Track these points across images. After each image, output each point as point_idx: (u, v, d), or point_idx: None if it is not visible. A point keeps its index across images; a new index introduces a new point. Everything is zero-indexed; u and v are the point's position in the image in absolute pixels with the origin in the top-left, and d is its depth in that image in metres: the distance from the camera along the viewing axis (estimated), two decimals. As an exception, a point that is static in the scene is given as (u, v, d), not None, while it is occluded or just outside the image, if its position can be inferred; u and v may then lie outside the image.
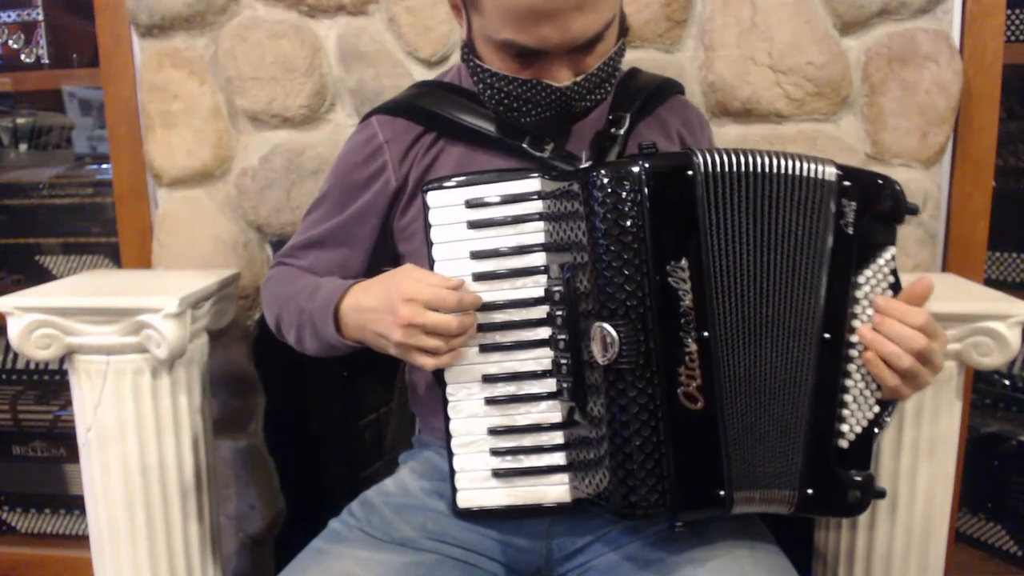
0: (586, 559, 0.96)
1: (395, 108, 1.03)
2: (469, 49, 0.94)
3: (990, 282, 1.62)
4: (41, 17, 1.73)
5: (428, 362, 0.86)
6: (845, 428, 0.84)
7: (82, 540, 1.83)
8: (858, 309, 0.83)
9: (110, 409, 1.23)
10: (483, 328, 0.89)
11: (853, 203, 0.82)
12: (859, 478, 0.84)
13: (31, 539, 1.88)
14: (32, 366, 1.91)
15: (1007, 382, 1.73)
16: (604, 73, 0.91)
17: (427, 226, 0.89)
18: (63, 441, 1.84)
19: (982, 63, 1.35)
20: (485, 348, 0.89)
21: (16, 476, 1.87)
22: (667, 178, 0.80)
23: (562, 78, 0.89)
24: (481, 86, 0.94)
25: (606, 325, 0.79)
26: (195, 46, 1.47)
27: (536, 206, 0.88)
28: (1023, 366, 1.72)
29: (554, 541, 0.97)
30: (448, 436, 0.91)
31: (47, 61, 1.74)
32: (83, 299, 1.22)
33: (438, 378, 0.92)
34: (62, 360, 1.26)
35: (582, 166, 0.86)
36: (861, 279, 0.83)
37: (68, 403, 1.66)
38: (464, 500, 0.92)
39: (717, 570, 0.86)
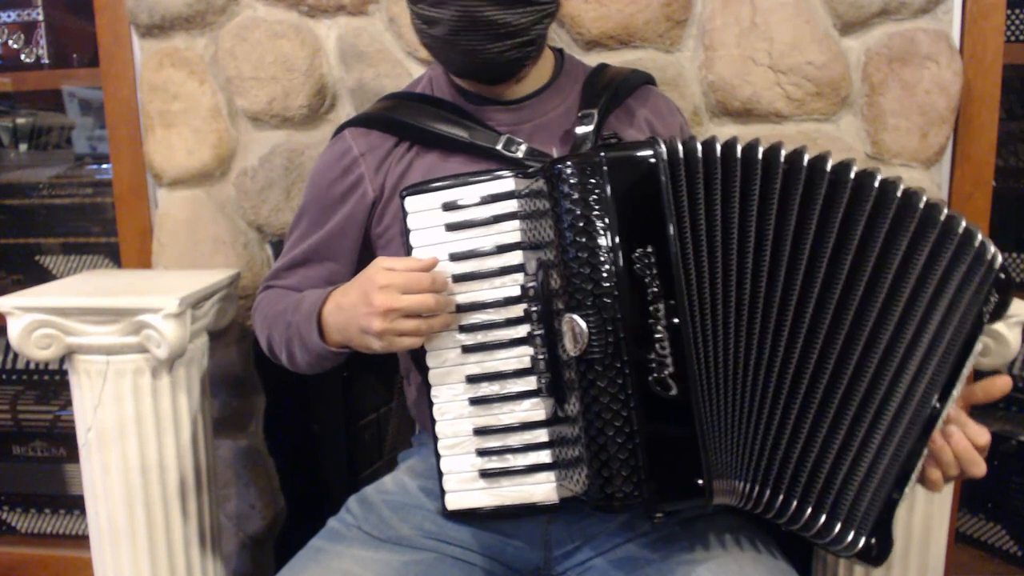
0: (585, 558, 0.96)
1: (368, 120, 1.04)
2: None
3: (990, 282, 1.62)
4: (41, 17, 1.73)
5: (409, 342, 0.87)
6: (906, 488, 0.82)
7: (82, 540, 1.83)
8: (954, 390, 0.81)
9: (110, 409, 1.23)
10: (464, 329, 0.90)
11: (996, 297, 0.81)
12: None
13: (31, 539, 1.88)
14: (32, 366, 1.91)
15: (1007, 382, 1.73)
16: (515, 16, 0.90)
17: (406, 231, 0.90)
18: (63, 441, 1.84)
19: (982, 63, 1.35)
20: (467, 348, 0.90)
21: (16, 476, 1.87)
22: (629, 167, 0.81)
23: None
24: (416, 24, 0.94)
25: (575, 316, 0.80)
26: (195, 46, 1.47)
27: (511, 205, 0.89)
28: (1023, 366, 1.72)
29: (552, 540, 0.97)
30: (435, 438, 0.91)
31: (47, 61, 1.74)
32: (83, 299, 1.22)
33: (424, 380, 0.92)
34: (62, 360, 1.26)
35: (550, 160, 0.87)
36: (966, 363, 0.81)
37: (68, 403, 1.66)
38: (452, 502, 0.92)
39: (717, 569, 0.86)
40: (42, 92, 1.90)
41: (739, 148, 0.82)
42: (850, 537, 0.81)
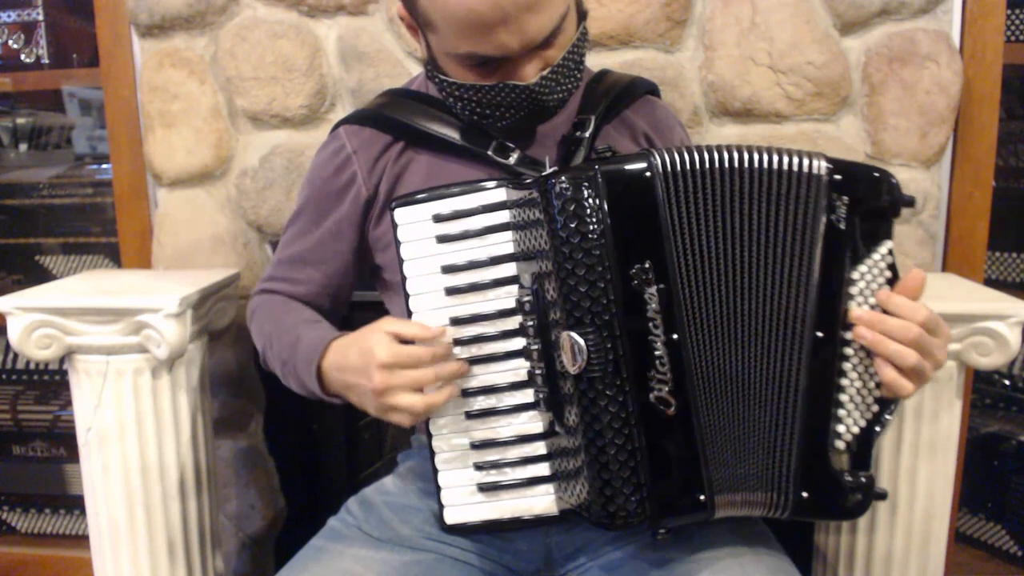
0: (586, 559, 0.96)
1: (362, 118, 1.02)
2: (432, 66, 0.93)
3: (990, 282, 1.62)
4: (41, 17, 1.74)
5: (405, 421, 0.85)
6: (842, 428, 0.82)
7: (82, 540, 1.83)
8: (853, 305, 0.81)
9: (110, 409, 1.23)
10: (458, 342, 0.88)
11: (845, 198, 0.80)
12: (858, 480, 0.82)
13: (31, 539, 1.88)
14: (32, 366, 1.91)
15: (1007, 382, 1.73)
16: (571, 62, 0.90)
17: (397, 243, 0.89)
18: (63, 441, 1.84)
19: (982, 63, 1.35)
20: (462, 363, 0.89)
21: (16, 476, 1.88)
22: (625, 181, 0.79)
23: (528, 76, 0.88)
24: (451, 99, 0.93)
25: (574, 334, 0.79)
26: (195, 46, 1.47)
27: (503, 216, 0.87)
28: (1023, 366, 1.72)
29: (552, 545, 0.97)
30: (432, 453, 0.91)
31: (47, 61, 1.74)
32: (83, 299, 1.22)
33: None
34: (62, 360, 1.26)
35: (543, 174, 0.85)
36: (855, 275, 0.81)
37: (68, 403, 1.66)
38: (451, 516, 0.91)
39: (719, 569, 0.86)
40: (42, 92, 1.90)
41: (729, 156, 0.80)
42: (778, 498, 0.82)
